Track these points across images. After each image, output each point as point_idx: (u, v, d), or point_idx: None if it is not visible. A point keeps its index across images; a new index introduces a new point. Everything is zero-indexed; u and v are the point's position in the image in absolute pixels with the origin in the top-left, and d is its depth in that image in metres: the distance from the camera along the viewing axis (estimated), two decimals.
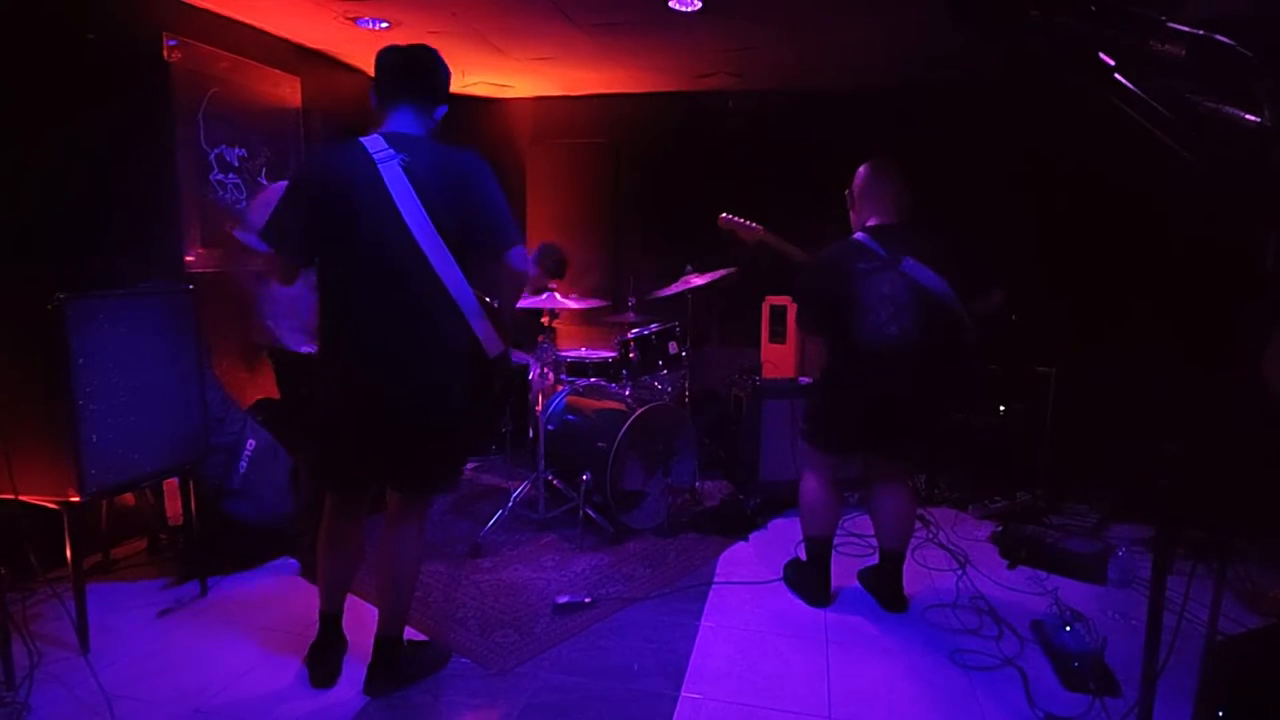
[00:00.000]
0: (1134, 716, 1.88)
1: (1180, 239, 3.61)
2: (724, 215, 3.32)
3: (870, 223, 2.72)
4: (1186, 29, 1.27)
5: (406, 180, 2.02)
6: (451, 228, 2.05)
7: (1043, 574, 3.14)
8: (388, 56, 2.15)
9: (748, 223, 3.26)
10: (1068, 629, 2.47)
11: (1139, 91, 1.32)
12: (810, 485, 2.88)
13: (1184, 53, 1.26)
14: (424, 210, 2.02)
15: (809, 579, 2.94)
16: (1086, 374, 3.90)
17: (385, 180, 2.01)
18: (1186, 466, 1.63)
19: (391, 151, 2.04)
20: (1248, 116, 1.32)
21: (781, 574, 3.11)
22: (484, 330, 2.16)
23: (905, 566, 2.89)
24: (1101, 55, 1.34)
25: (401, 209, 2.01)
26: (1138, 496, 3.56)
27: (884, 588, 2.89)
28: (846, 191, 2.84)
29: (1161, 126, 1.33)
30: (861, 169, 2.79)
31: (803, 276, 2.82)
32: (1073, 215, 4.26)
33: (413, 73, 2.16)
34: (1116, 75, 1.34)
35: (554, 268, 4.55)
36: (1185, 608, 1.93)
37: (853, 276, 2.62)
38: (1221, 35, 1.25)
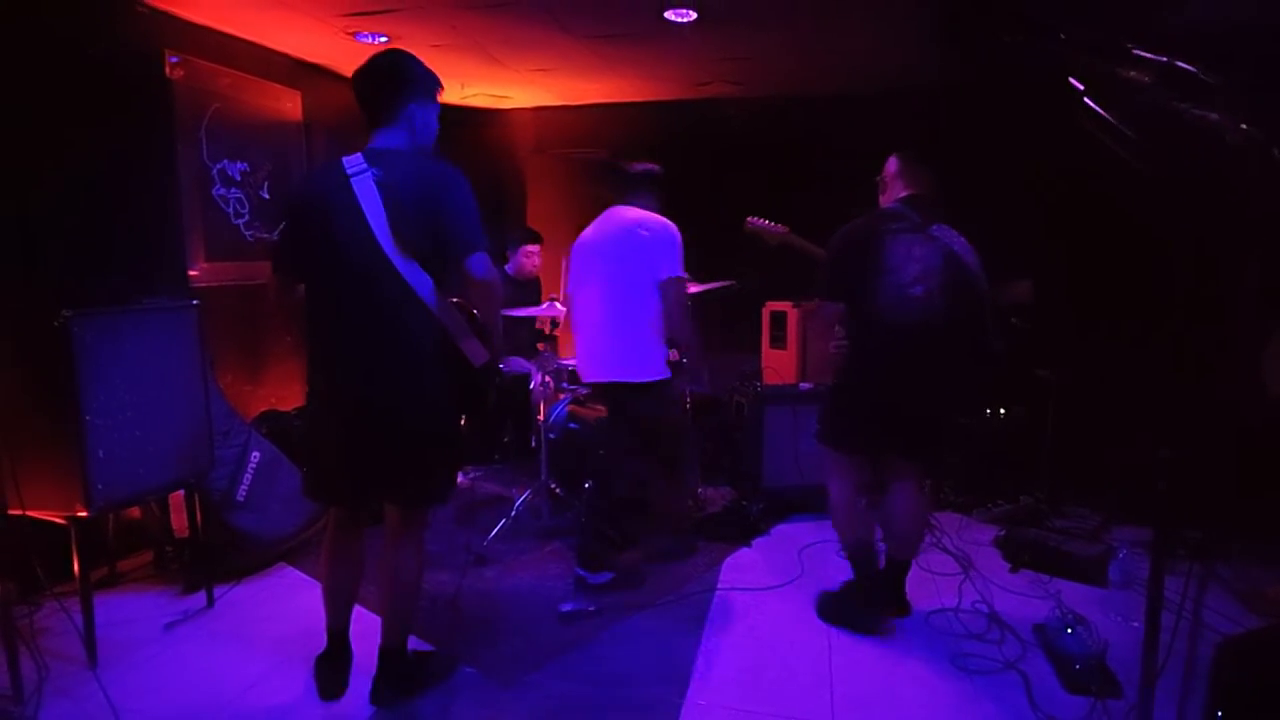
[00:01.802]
0: (1134, 717, 1.89)
1: (1177, 242, 3.62)
2: (750, 219, 3.34)
3: (902, 194, 2.67)
4: (1151, 56, 1.30)
5: (377, 193, 2.05)
6: (418, 238, 2.08)
7: (1045, 577, 3.15)
8: (353, 81, 2.20)
9: (772, 225, 3.28)
10: (1069, 632, 2.48)
11: (1107, 115, 1.35)
12: (833, 492, 2.81)
13: (1148, 80, 1.29)
14: (388, 222, 2.05)
15: (859, 599, 2.77)
16: (1086, 376, 3.91)
17: (356, 195, 2.06)
18: (1184, 469, 1.64)
19: (365, 166, 2.08)
20: (1240, 125, 1.35)
21: (816, 609, 2.91)
22: (465, 339, 2.18)
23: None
24: (1072, 80, 1.37)
25: (371, 222, 2.05)
26: (1137, 499, 3.56)
27: (888, 593, 2.89)
28: (877, 179, 2.81)
29: (1126, 147, 1.35)
30: (892, 157, 2.76)
31: (829, 245, 2.73)
32: (1071, 218, 4.27)
33: (369, 84, 2.18)
34: (1086, 100, 1.36)
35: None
36: (1183, 609, 1.94)
37: (880, 234, 2.56)
38: (1184, 62, 1.27)
